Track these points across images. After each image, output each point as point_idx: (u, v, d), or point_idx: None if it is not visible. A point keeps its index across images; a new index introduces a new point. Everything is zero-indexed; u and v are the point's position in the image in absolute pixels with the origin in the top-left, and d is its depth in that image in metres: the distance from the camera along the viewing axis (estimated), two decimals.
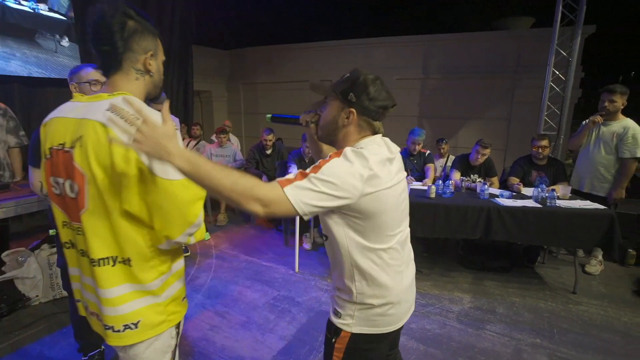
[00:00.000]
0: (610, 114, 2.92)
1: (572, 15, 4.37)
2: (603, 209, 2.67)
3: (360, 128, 1.03)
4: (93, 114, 0.86)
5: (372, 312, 1.03)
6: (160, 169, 0.82)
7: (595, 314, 2.53)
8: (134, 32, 0.92)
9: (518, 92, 6.26)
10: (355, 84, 0.99)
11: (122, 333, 0.92)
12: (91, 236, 0.89)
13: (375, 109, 1.00)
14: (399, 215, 1.06)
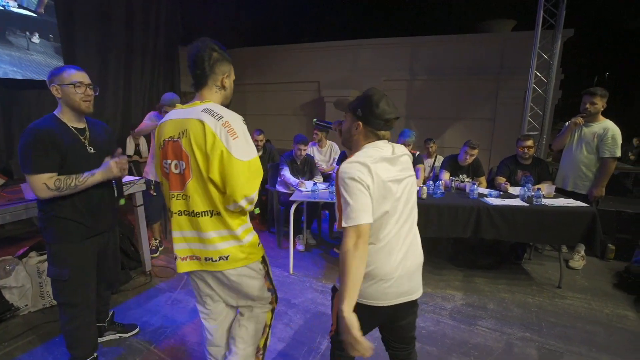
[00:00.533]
0: (591, 116, 3.05)
1: (553, 20, 4.53)
2: (585, 206, 2.79)
3: (365, 137, 1.29)
4: (192, 115, 1.27)
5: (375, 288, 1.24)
6: (236, 152, 1.24)
7: (580, 307, 2.64)
8: (216, 60, 1.34)
9: (502, 93, 6.43)
10: (364, 102, 1.25)
11: (217, 262, 1.36)
12: (194, 197, 1.32)
13: (378, 121, 1.25)
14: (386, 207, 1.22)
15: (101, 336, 2.18)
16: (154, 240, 3.53)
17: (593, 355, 2.12)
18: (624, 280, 2.98)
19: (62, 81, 1.66)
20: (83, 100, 1.70)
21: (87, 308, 1.85)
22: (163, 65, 6.62)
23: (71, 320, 1.81)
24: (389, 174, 1.22)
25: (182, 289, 2.87)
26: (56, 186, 1.61)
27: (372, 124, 1.25)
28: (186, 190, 1.32)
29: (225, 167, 1.24)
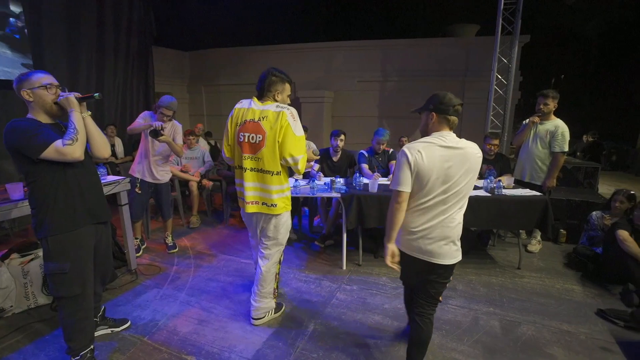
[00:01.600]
0: (544, 115, 3.42)
1: (510, 27, 4.94)
2: (539, 195, 3.13)
3: (439, 124, 1.65)
4: (270, 108, 2.06)
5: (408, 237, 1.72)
6: (294, 129, 2.04)
7: (535, 284, 2.97)
8: (272, 81, 2.09)
9: (467, 94, 6.84)
10: (432, 98, 1.67)
11: (273, 207, 2.15)
12: (266, 160, 2.08)
13: (446, 108, 1.61)
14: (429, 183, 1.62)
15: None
16: (135, 239, 3.55)
17: (545, 322, 2.43)
18: (572, 259, 3.36)
19: (32, 85, 1.72)
20: (55, 102, 1.78)
21: (86, 299, 1.90)
22: (137, 65, 6.54)
23: (71, 313, 1.86)
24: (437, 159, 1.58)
25: (169, 284, 2.94)
26: (67, 143, 1.68)
27: (442, 111, 1.62)
28: (259, 154, 2.07)
29: (285, 135, 2.02)
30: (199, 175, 4.55)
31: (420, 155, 1.57)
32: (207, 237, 4.05)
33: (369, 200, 3.01)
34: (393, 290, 2.83)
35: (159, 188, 3.43)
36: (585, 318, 2.50)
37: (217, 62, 8.23)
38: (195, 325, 2.40)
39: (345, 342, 2.22)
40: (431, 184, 1.60)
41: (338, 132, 3.85)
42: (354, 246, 3.40)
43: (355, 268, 3.24)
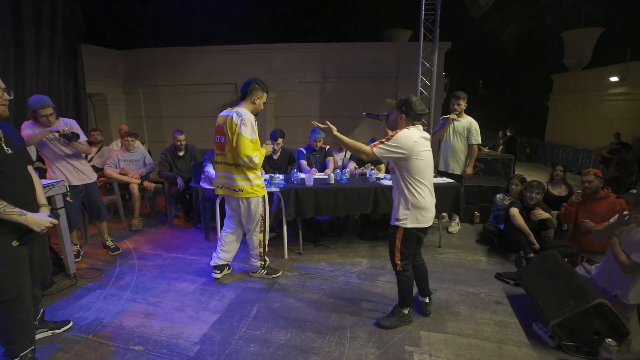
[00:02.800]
0: (459, 113, 3.98)
1: (431, 35, 5.54)
2: (452, 182, 3.65)
3: (406, 124, 2.15)
4: (231, 113, 2.59)
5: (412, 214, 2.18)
6: (246, 133, 2.54)
7: (452, 259, 3.48)
8: (255, 88, 2.67)
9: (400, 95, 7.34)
10: (405, 102, 2.13)
11: (240, 192, 2.72)
12: (229, 156, 2.66)
13: (416, 115, 2.13)
14: (428, 168, 2.18)
15: None
16: (74, 245, 3.46)
17: (456, 288, 2.91)
18: (482, 236, 3.95)
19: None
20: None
21: (23, 303, 1.88)
22: (63, 63, 6.14)
23: (9, 317, 1.85)
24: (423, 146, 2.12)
25: (113, 285, 2.96)
26: None
27: (411, 117, 2.13)
28: (225, 151, 2.66)
29: (238, 140, 2.53)
30: (139, 177, 4.49)
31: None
32: (151, 238, 4.04)
33: (305, 193, 3.28)
34: (330, 273, 3.14)
35: (89, 189, 3.33)
36: (486, 281, 3.02)
37: (155, 62, 7.97)
38: (142, 319, 2.48)
39: (286, 319, 2.46)
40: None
41: (275, 135, 4.06)
42: (296, 237, 3.66)
43: (297, 257, 3.50)
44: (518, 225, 3.29)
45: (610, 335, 2.06)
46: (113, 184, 4.31)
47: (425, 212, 2.20)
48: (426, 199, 2.18)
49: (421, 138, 2.13)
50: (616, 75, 9.69)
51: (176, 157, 4.50)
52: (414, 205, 2.15)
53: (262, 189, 2.78)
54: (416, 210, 2.16)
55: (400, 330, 2.35)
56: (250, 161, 2.57)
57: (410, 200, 2.15)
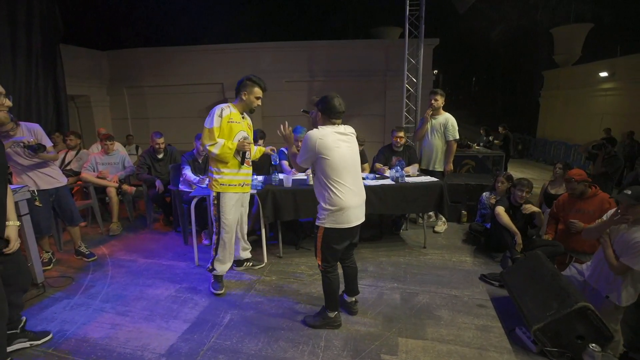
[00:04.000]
0: (436, 110, 3.90)
1: (416, 32, 5.45)
2: (436, 181, 3.55)
3: (323, 121, 2.12)
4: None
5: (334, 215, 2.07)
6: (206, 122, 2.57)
7: (436, 260, 3.38)
8: (244, 84, 2.60)
9: (389, 93, 7.36)
10: (324, 101, 2.09)
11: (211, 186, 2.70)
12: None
13: (330, 113, 2.09)
14: (343, 165, 2.06)
15: (10, 344, 2.11)
16: (45, 253, 3.33)
17: (439, 290, 2.80)
18: (469, 236, 3.87)
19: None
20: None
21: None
22: (41, 65, 5.98)
23: None
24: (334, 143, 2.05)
25: (82, 294, 2.83)
26: None
27: (328, 114, 2.09)
28: None
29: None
30: (117, 180, 4.36)
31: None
32: (128, 243, 3.91)
33: (283, 195, 3.17)
34: (309, 278, 3.03)
35: (59, 193, 3.20)
36: (470, 283, 2.92)
37: (140, 62, 7.83)
38: (107, 330, 2.36)
39: (259, 328, 2.35)
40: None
41: (256, 136, 3.93)
42: (277, 240, 3.55)
43: (276, 260, 3.39)
44: (504, 224, 3.20)
45: (595, 340, 1.97)
46: (90, 188, 4.17)
47: (345, 212, 2.08)
48: (345, 199, 2.06)
49: (334, 134, 2.07)
50: (606, 71, 9.68)
51: (155, 159, 4.37)
52: (332, 205, 2.06)
53: (221, 186, 2.64)
54: (335, 211, 2.06)
55: (377, 337, 2.24)
56: (208, 151, 2.55)
57: (328, 200, 2.07)
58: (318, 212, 2.15)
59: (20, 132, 2.87)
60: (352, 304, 2.49)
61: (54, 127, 5.93)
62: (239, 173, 2.69)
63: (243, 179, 2.73)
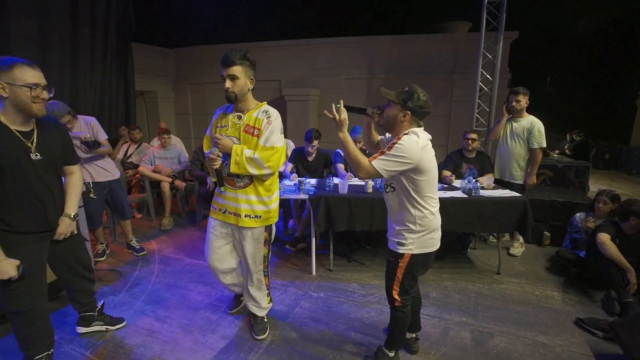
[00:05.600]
0: (518, 112, 3.31)
1: (495, 22, 4.78)
2: (518, 196, 2.97)
3: (410, 124, 1.68)
4: None
5: (422, 237, 1.71)
6: None
7: (514, 291, 2.82)
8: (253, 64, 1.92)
9: (456, 92, 6.69)
10: (412, 96, 1.63)
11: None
12: None
13: (423, 113, 1.67)
14: (436, 178, 1.73)
15: (88, 326, 2.22)
16: (100, 244, 3.38)
17: (520, 333, 2.28)
18: (554, 263, 3.21)
19: (13, 80, 1.50)
20: (35, 103, 1.56)
21: (38, 312, 1.78)
22: (115, 62, 6.33)
23: (25, 326, 1.77)
24: (431, 152, 1.69)
25: (127, 291, 2.77)
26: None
27: (418, 115, 1.67)
28: None
29: None
30: (171, 174, 4.37)
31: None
32: (177, 239, 3.87)
33: (337, 202, 2.84)
34: (362, 298, 2.67)
35: (112, 186, 3.22)
36: (562, 328, 2.34)
37: (202, 59, 8.04)
38: (144, 336, 2.23)
39: (301, 355, 2.06)
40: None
41: (310, 135, 3.65)
42: (329, 250, 3.24)
43: (326, 273, 3.08)
44: (611, 257, 2.55)
45: None
46: (145, 182, 4.23)
47: (435, 233, 1.77)
48: (437, 218, 1.76)
49: (428, 142, 1.71)
50: None
51: None
52: (424, 227, 1.71)
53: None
54: (426, 233, 1.72)
55: None
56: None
57: (419, 221, 1.69)
58: (398, 236, 1.75)
59: (78, 126, 2.90)
60: (412, 340, 2.09)
61: (122, 120, 6.25)
62: (220, 195, 2.03)
63: (224, 203, 2.01)
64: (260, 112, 1.90)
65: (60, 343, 2.15)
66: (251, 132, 1.89)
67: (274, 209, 2.05)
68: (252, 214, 1.97)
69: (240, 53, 1.80)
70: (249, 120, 1.90)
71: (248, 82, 1.86)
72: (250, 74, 1.86)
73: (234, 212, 1.99)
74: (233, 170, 1.85)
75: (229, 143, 1.86)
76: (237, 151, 1.83)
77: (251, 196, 1.96)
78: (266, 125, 1.86)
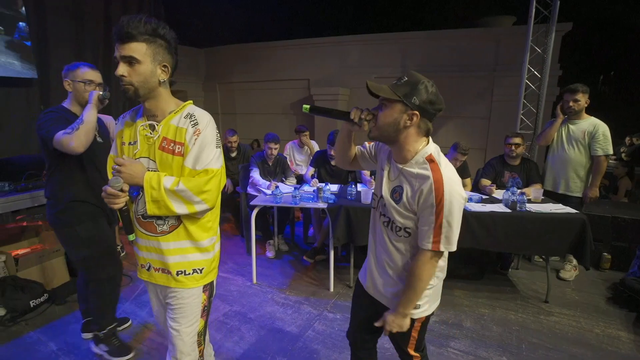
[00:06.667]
0: (576, 113, 2.85)
1: (547, 12, 4.26)
2: (575, 213, 2.52)
3: (419, 129, 1.12)
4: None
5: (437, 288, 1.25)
6: None
7: (567, 326, 2.37)
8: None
9: (497, 91, 6.16)
10: (417, 87, 1.07)
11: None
12: None
13: (434, 111, 1.10)
14: None
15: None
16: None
17: None
18: (619, 294, 2.69)
19: (75, 77, 1.80)
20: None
21: (118, 278, 2.07)
22: None
23: (108, 293, 2.00)
24: None
25: (134, 300, 2.64)
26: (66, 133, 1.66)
27: (429, 114, 1.10)
28: None
29: None
30: None
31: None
32: None
33: (359, 213, 2.54)
34: None
35: None
36: None
37: (231, 58, 8.02)
38: (143, 355, 2.06)
39: None
40: None
41: (333, 139, 3.36)
42: (349, 262, 2.94)
43: (345, 290, 2.78)
44: None
45: None
46: None
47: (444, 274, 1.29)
48: (446, 261, 1.24)
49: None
50: None
51: (228, 158, 4.15)
52: (439, 279, 1.24)
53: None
54: (436, 285, 1.24)
55: None
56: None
57: (438, 272, 1.21)
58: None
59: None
60: None
61: None
62: (136, 244, 1.30)
63: (147, 257, 1.28)
64: (181, 118, 1.20)
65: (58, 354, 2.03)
66: (171, 149, 1.18)
67: (216, 256, 1.36)
68: (188, 269, 1.26)
69: (147, 24, 1.11)
70: (166, 132, 1.19)
71: (159, 70, 1.17)
72: (164, 59, 1.18)
73: (162, 268, 1.26)
74: (151, 212, 1.16)
75: (138, 170, 1.15)
76: (151, 183, 1.14)
77: (183, 242, 1.24)
78: (192, 137, 1.17)
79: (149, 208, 1.16)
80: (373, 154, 1.38)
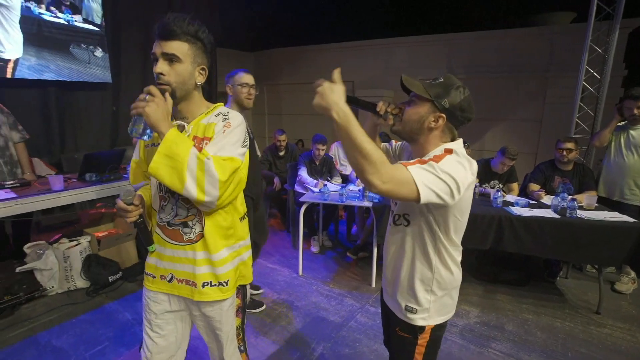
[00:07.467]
0: (638, 119, 2.72)
1: (610, 8, 4.03)
2: (632, 221, 2.42)
3: (443, 133, 1.07)
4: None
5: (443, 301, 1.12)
6: None
7: (621, 339, 2.29)
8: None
9: (550, 92, 5.88)
10: (450, 91, 1.04)
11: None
12: None
13: (462, 119, 1.06)
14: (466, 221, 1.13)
15: None
16: None
17: None
18: None
19: (234, 82, 2.02)
20: (246, 98, 2.06)
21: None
22: None
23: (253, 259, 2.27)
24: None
25: None
26: None
27: (456, 120, 1.06)
28: None
29: None
30: None
31: None
32: None
33: None
34: None
35: None
36: None
37: (279, 61, 8.36)
38: None
39: None
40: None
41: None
42: None
43: None
44: None
45: None
46: None
47: (455, 293, 1.17)
48: (460, 271, 1.16)
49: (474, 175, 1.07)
50: None
51: (276, 156, 4.41)
52: (445, 286, 1.12)
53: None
54: (446, 294, 1.13)
55: None
56: None
57: (443, 274, 1.10)
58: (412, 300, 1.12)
59: None
60: None
61: None
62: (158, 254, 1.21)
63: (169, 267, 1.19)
64: (212, 116, 1.16)
65: (132, 323, 2.34)
66: (200, 147, 1.11)
67: (247, 261, 1.29)
68: (214, 281, 1.17)
69: (190, 25, 1.08)
70: (196, 131, 1.15)
71: (197, 72, 1.13)
72: (203, 62, 1.14)
73: (186, 280, 1.18)
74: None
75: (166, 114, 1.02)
76: (175, 137, 1.00)
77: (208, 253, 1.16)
78: (221, 129, 1.12)
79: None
80: (397, 153, 1.35)
